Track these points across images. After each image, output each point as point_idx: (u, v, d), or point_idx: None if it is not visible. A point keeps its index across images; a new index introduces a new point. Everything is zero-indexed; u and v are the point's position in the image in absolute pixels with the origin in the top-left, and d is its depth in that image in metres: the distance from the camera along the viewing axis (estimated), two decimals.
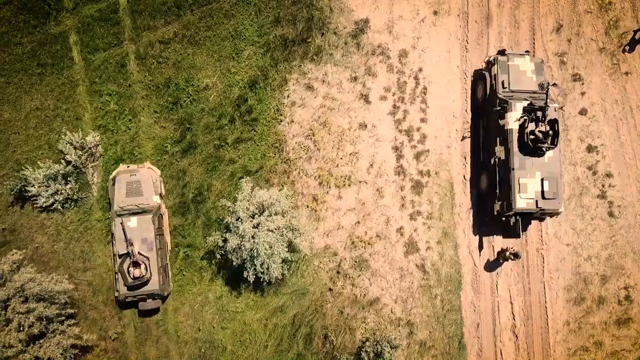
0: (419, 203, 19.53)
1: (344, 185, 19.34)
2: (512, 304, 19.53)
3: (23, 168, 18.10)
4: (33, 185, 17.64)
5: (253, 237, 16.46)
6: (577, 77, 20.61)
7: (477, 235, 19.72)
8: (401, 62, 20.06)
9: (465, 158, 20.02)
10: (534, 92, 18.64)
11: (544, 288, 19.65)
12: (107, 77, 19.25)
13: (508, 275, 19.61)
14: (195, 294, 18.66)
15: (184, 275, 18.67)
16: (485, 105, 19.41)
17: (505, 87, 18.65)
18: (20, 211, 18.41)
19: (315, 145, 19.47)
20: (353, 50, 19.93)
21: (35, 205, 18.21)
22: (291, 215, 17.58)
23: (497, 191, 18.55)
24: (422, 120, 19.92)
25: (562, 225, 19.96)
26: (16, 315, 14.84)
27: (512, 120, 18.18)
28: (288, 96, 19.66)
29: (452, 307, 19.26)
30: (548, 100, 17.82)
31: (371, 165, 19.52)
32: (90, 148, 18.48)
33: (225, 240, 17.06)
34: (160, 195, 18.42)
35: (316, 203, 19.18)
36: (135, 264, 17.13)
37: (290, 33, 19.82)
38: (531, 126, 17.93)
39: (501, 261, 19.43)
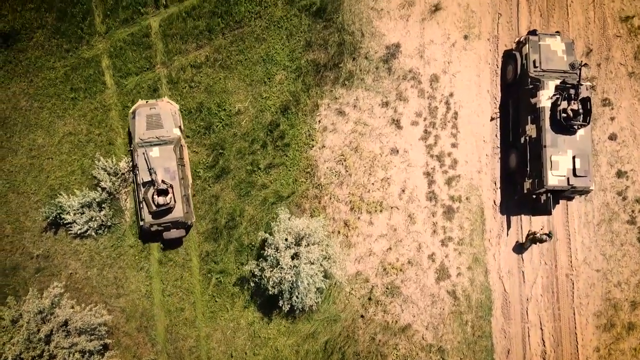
0: (450, 229, 19.52)
1: (376, 211, 19.32)
2: (542, 329, 19.54)
3: (57, 194, 18.08)
4: (68, 213, 17.60)
5: (291, 269, 16.43)
6: (607, 101, 20.60)
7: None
8: (432, 86, 20.04)
9: (495, 183, 20.02)
10: (565, 72, 18.79)
11: (574, 314, 19.66)
12: None
13: (538, 301, 19.61)
14: (227, 320, 18.65)
15: (216, 301, 18.65)
16: (516, 85, 19.57)
17: (537, 67, 18.83)
18: (54, 237, 18.40)
19: (347, 171, 19.44)
20: (384, 75, 19.90)
21: (69, 232, 18.20)
22: (326, 243, 17.56)
23: (528, 169, 18.64)
24: (453, 145, 19.91)
25: (592, 251, 19.97)
26: (60, 350, 14.77)
27: (545, 98, 18.34)
28: (319, 121, 19.63)
29: (482, 333, 19.27)
30: (580, 79, 18.01)
31: (403, 190, 19.50)
32: (123, 174, 18.47)
33: (262, 270, 17.03)
34: (180, 128, 18.41)
35: (348, 229, 19.16)
36: (159, 193, 17.29)
37: (322, 58, 19.78)
38: (564, 104, 18.14)
39: (531, 244, 19.54)
